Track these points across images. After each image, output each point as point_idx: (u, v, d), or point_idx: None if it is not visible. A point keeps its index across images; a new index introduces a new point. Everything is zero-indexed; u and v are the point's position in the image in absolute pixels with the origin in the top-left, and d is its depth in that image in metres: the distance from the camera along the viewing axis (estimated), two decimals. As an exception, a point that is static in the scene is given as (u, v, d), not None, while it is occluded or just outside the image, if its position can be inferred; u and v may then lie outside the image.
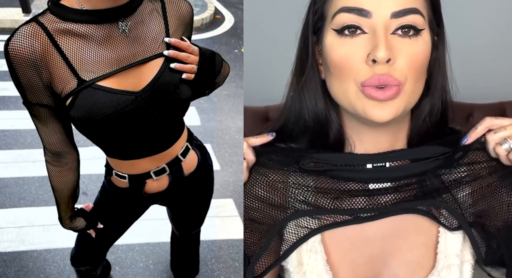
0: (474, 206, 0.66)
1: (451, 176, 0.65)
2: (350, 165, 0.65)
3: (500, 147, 0.62)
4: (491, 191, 0.65)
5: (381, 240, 0.66)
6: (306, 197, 0.66)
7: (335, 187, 0.65)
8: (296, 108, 0.70)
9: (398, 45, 0.56)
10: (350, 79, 0.58)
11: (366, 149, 0.66)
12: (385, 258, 0.66)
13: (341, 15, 0.58)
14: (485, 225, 0.65)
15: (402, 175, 0.64)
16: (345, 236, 0.66)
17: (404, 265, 0.65)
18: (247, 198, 0.70)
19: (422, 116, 0.65)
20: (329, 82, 0.63)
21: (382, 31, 0.56)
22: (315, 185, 0.66)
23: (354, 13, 0.57)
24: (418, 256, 0.66)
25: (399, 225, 0.66)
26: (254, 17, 1.94)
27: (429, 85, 0.63)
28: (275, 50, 2.00)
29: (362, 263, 0.66)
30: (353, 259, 0.66)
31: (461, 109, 1.95)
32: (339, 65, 0.59)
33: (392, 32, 0.57)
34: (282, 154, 0.69)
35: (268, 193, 0.68)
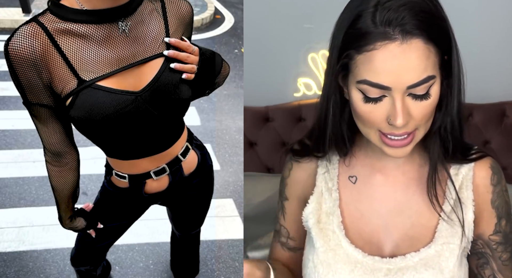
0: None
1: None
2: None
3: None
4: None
5: (386, 214, 0.78)
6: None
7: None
8: (320, 120, 0.79)
9: (412, 107, 0.65)
10: (372, 128, 0.69)
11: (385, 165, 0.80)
12: (388, 230, 0.78)
13: (365, 86, 0.65)
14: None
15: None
16: (356, 206, 0.80)
17: (405, 238, 0.77)
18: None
19: (437, 132, 0.74)
20: (354, 117, 0.73)
21: (399, 101, 0.64)
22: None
23: (376, 87, 0.64)
24: (418, 233, 0.76)
25: (404, 205, 0.78)
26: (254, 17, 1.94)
27: (441, 107, 0.71)
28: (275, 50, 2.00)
29: (368, 231, 0.79)
30: (361, 226, 0.79)
31: (461, 109, 1.96)
32: (362, 117, 0.69)
33: (407, 95, 0.65)
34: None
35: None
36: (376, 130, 0.68)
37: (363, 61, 0.64)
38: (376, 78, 0.64)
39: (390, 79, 0.63)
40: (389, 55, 0.62)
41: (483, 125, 1.97)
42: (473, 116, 1.97)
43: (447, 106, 0.71)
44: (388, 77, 0.63)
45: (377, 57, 0.63)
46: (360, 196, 0.80)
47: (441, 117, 0.72)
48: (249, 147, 2.00)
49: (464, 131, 0.75)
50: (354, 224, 0.80)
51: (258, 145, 2.00)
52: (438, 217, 0.76)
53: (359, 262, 0.76)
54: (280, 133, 2.00)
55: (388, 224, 0.78)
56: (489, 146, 1.96)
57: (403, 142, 0.68)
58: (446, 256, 0.74)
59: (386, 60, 0.62)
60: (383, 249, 0.78)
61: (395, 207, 0.78)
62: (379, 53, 0.63)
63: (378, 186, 0.79)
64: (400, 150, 0.68)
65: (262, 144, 2.00)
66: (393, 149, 0.68)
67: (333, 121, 0.75)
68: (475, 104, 1.97)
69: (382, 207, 0.79)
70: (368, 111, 0.67)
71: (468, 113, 1.97)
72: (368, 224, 0.79)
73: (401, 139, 0.67)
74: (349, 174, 0.82)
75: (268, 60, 1.99)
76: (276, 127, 2.00)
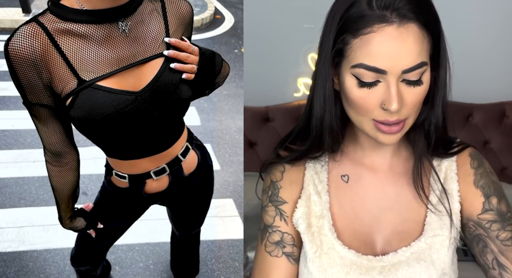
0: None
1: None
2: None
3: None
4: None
5: (378, 212, 0.79)
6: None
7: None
8: (306, 112, 0.79)
9: (405, 93, 0.66)
10: (365, 116, 0.69)
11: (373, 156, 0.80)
12: (380, 227, 0.79)
13: (361, 70, 0.66)
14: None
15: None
16: (350, 206, 0.80)
17: (395, 233, 0.78)
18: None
19: (424, 127, 0.75)
20: (345, 105, 0.73)
21: (394, 86, 0.65)
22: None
23: (372, 71, 0.65)
24: (408, 228, 0.78)
25: (394, 200, 0.79)
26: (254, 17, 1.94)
27: (428, 100, 0.72)
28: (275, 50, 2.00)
29: (362, 230, 0.79)
30: (354, 227, 0.79)
31: (461, 109, 1.96)
32: (356, 104, 0.69)
33: (401, 80, 0.66)
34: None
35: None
36: (369, 119, 0.69)
37: (360, 44, 0.65)
38: (373, 62, 0.64)
39: (386, 63, 0.64)
40: (387, 38, 0.63)
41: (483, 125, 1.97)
42: (473, 116, 1.97)
43: (433, 99, 0.72)
44: (385, 61, 0.64)
45: (375, 40, 0.63)
46: (354, 196, 0.80)
47: (427, 111, 0.73)
48: (249, 147, 2.00)
49: (447, 126, 0.76)
50: (347, 226, 0.79)
51: (258, 145, 2.00)
52: (426, 210, 0.77)
53: (354, 263, 0.76)
54: (280, 133, 2.00)
55: (380, 221, 0.79)
56: (489, 146, 1.96)
57: (396, 127, 0.68)
58: (437, 248, 0.75)
59: (383, 43, 0.63)
60: (375, 247, 0.79)
61: (385, 204, 0.79)
62: (377, 36, 0.63)
63: (369, 183, 0.80)
64: (392, 137, 0.69)
65: (262, 144, 2.00)
66: (387, 136, 0.69)
67: (329, 113, 0.75)
68: (475, 104, 1.96)
69: (374, 205, 0.80)
70: (362, 97, 0.67)
71: (468, 113, 1.97)
72: (361, 224, 0.79)
73: (394, 125, 0.68)
74: (341, 174, 0.82)
75: (268, 60, 1.99)
76: (276, 127, 2.00)
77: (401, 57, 0.63)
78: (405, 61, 0.64)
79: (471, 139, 1.93)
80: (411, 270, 0.75)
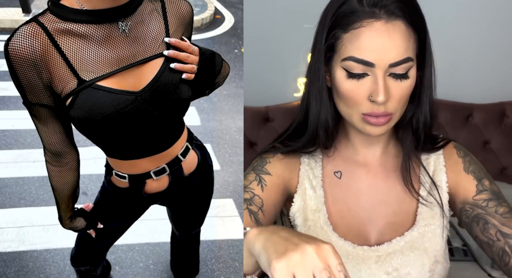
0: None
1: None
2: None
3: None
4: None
5: (371, 206, 0.83)
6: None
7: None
8: (303, 108, 0.83)
9: (392, 87, 0.70)
10: (354, 108, 0.73)
11: (363, 149, 0.84)
12: (373, 221, 0.83)
13: (350, 63, 0.70)
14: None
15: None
16: (344, 201, 0.83)
17: (389, 225, 0.82)
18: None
19: (412, 126, 0.79)
20: (336, 100, 0.77)
21: (381, 79, 0.69)
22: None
23: (361, 63, 0.69)
24: (400, 219, 0.82)
25: (385, 195, 0.83)
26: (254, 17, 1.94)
27: (413, 98, 0.76)
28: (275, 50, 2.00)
29: (356, 224, 0.83)
30: (349, 220, 0.83)
31: (461, 109, 1.95)
32: (346, 96, 0.73)
33: (388, 74, 0.70)
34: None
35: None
36: (358, 112, 0.73)
37: (350, 39, 0.69)
38: (362, 55, 0.68)
39: (374, 56, 0.68)
40: (375, 33, 0.67)
41: (483, 125, 1.96)
42: (473, 116, 1.97)
43: (420, 98, 0.77)
44: (372, 54, 0.68)
45: (364, 34, 0.68)
46: (347, 191, 0.84)
47: (413, 109, 0.77)
48: (249, 147, 2.00)
49: (433, 124, 0.80)
50: (342, 219, 0.83)
51: (258, 145, 2.00)
52: (417, 202, 0.82)
53: (350, 253, 0.80)
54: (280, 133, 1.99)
55: (373, 215, 0.83)
56: (489, 146, 1.95)
57: (383, 119, 0.72)
58: (429, 236, 0.80)
59: (371, 37, 0.67)
60: (370, 239, 0.82)
61: (378, 198, 0.83)
62: (366, 31, 0.68)
63: (362, 179, 0.84)
64: (379, 129, 0.73)
65: (262, 144, 2.00)
66: (374, 128, 0.73)
67: (325, 108, 0.78)
68: (475, 104, 1.96)
69: (367, 200, 0.83)
70: (351, 89, 0.71)
71: (468, 113, 1.97)
72: (355, 218, 0.83)
73: (382, 117, 0.72)
74: (334, 170, 0.85)
75: (268, 60, 1.99)
76: (276, 127, 2.00)
77: (388, 51, 0.68)
78: (392, 55, 0.68)
79: (471, 139, 1.93)
80: (406, 258, 0.79)
